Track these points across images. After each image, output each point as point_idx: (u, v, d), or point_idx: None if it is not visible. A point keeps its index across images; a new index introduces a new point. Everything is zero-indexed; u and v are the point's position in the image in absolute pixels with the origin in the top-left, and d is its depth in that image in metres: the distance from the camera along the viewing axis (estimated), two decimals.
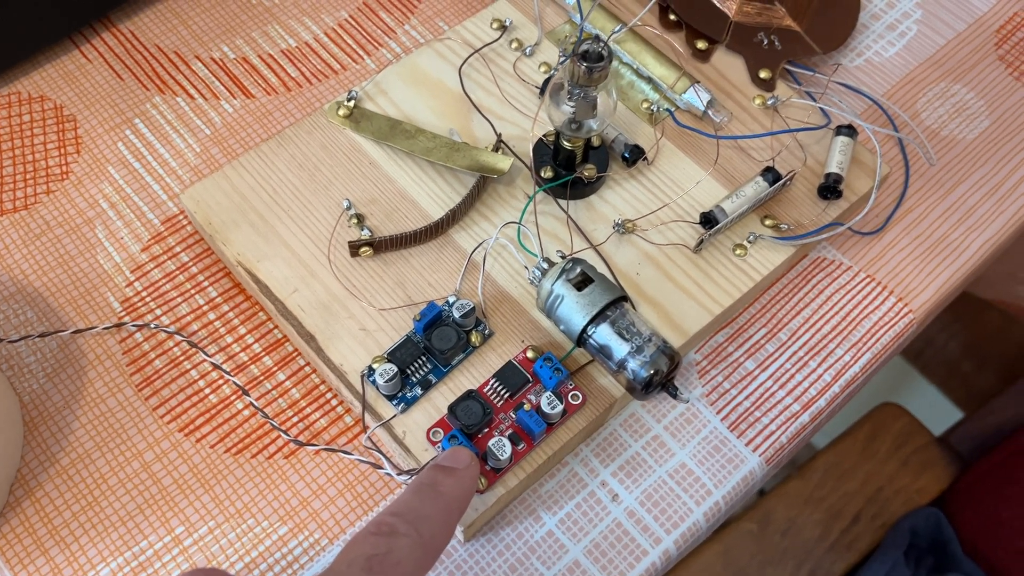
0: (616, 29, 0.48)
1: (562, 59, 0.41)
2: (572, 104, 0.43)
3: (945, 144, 0.54)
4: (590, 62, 0.41)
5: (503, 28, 0.54)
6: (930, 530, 0.75)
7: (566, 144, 0.47)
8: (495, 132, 0.50)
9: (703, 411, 0.46)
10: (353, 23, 0.57)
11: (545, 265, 0.42)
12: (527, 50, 0.53)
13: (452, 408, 0.41)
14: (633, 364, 0.39)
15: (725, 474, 0.44)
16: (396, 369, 0.41)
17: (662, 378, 0.40)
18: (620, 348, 0.40)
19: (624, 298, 0.41)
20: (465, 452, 0.37)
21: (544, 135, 0.49)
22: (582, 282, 0.41)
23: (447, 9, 0.58)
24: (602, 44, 0.41)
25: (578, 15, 0.53)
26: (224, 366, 0.45)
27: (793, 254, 0.48)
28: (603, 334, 0.40)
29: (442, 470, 0.36)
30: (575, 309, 0.40)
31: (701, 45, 0.54)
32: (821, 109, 0.52)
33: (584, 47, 0.41)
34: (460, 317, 0.43)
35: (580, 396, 0.42)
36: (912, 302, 0.49)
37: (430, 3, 0.58)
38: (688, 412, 0.45)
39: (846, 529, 0.74)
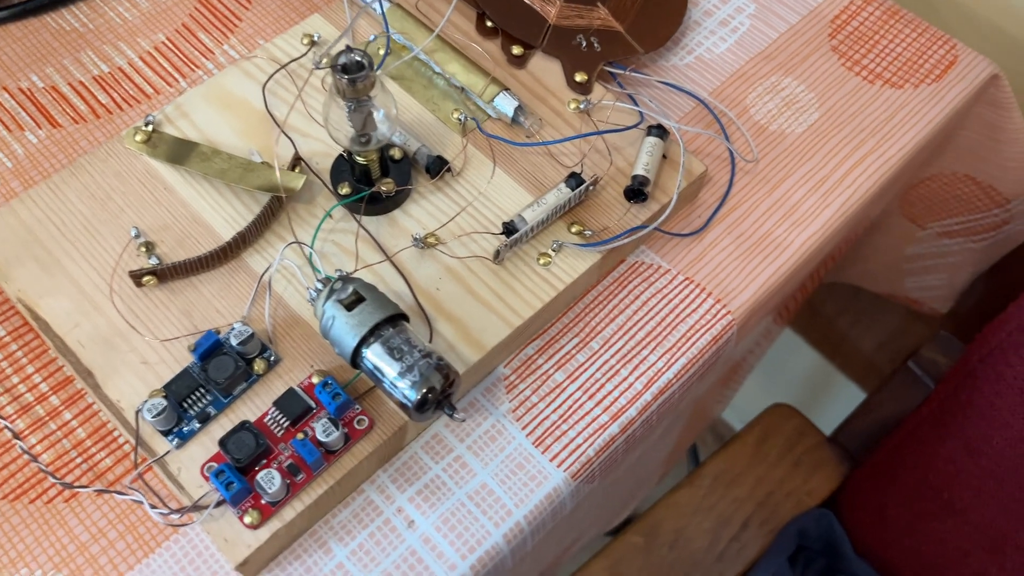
0: (371, 38, 0.47)
1: (315, 66, 0.39)
2: (349, 119, 0.42)
3: (773, 139, 0.53)
4: (350, 73, 0.40)
5: (313, 43, 0.52)
6: (821, 532, 0.73)
7: (359, 159, 0.45)
8: (294, 149, 0.48)
9: (508, 427, 0.44)
10: (170, 46, 0.56)
11: (320, 286, 0.41)
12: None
13: (223, 441, 0.39)
14: (403, 384, 0.38)
15: (527, 492, 0.42)
16: (164, 403, 0.40)
17: (437, 396, 0.38)
18: (391, 368, 0.38)
19: (400, 316, 0.40)
20: None
21: (345, 150, 0.48)
22: (354, 302, 0.39)
23: (269, 27, 0.56)
24: (359, 53, 0.39)
25: (391, 28, 0.52)
26: (7, 408, 0.43)
27: (603, 260, 0.46)
28: (374, 355, 0.38)
29: None
30: (345, 330, 0.39)
31: (516, 51, 0.52)
32: (640, 112, 0.50)
33: (341, 60, 0.39)
34: (239, 345, 0.41)
35: (366, 421, 0.41)
36: (731, 303, 0.48)
37: (251, 21, 0.57)
38: (493, 429, 0.44)
39: (735, 537, 0.73)
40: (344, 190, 0.46)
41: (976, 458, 0.63)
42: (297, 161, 0.47)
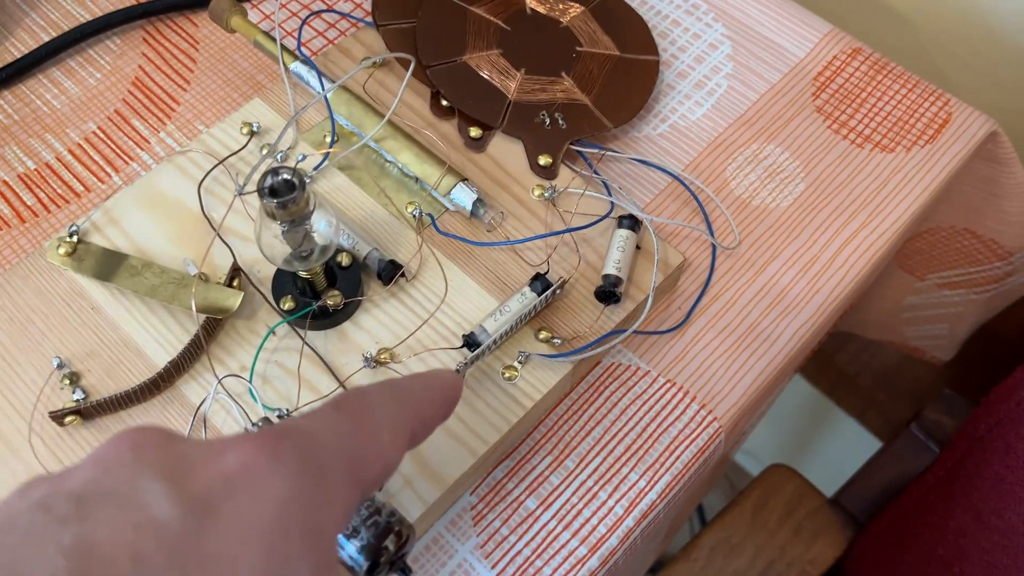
0: (300, 158, 0.43)
1: (238, 192, 0.35)
2: (284, 239, 0.38)
3: (756, 216, 0.49)
4: (280, 196, 0.35)
5: (252, 133, 0.48)
6: None
7: (302, 273, 0.41)
8: (233, 259, 0.44)
9: (477, 566, 0.40)
10: (101, 136, 0.51)
11: (255, 430, 0.36)
12: (279, 156, 0.47)
13: None
14: (350, 548, 0.34)
15: None
16: None
17: (390, 558, 0.34)
18: None
19: None
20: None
21: None
22: None
23: (209, 110, 0.52)
24: (288, 171, 0.35)
25: (336, 112, 0.48)
26: None
27: (575, 369, 0.42)
28: None
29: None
30: None
31: (475, 133, 0.48)
32: (611, 202, 0.46)
33: (267, 182, 0.35)
34: None
35: None
36: (717, 407, 0.44)
37: (189, 104, 0.52)
38: (460, 569, 0.40)
39: None
40: (287, 304, 0.42)
41: (988, 532, 0.59)
42: (236, 273, 0.43)
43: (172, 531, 0.20)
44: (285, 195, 0.35)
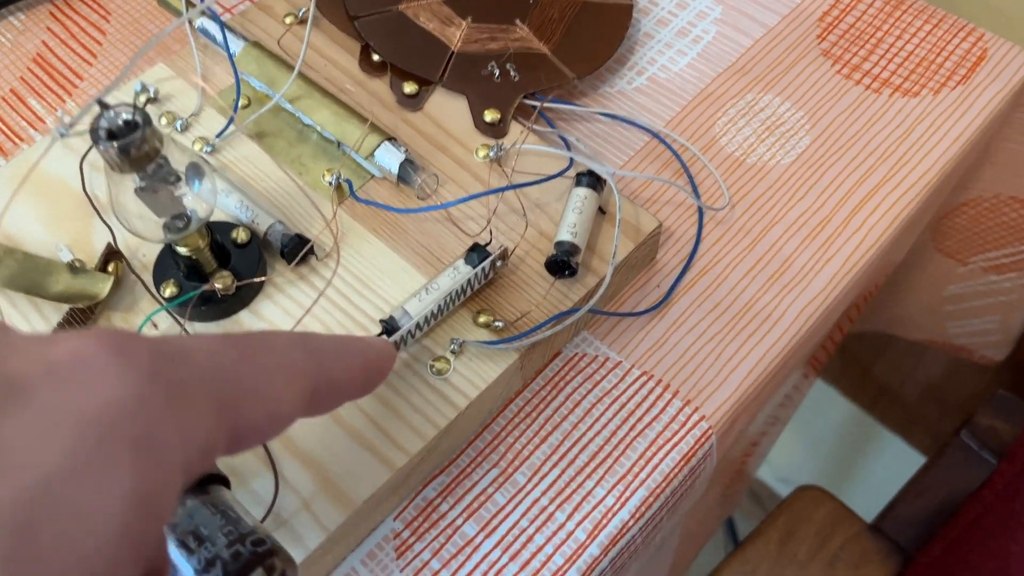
0: (137, 88, 0.35)
1: (62, 132, 0.28)
2: (144, 203, 0.30)
3: (752, 176, 0.41)
4: (120, 138, 0.28)
5: (150, 100, 0.41)
6: None
7: (181, 249, 0.33)
8: (110, 240, 0.36)
9: None
10: None
11: None
12: (179, 124, 0.40)
13: None
14: None
15: None
16: None
17: None
18: (186, 566, 0.26)
19: (212, 479, 0.28)
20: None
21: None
22: None
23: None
24: (126, 109, 0.28)
25: (245, 71, 0.41)
26: None
27: (525, 359, 0.34)
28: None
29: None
30: None
31: (409, 89, 0.41)
32: (570, 158, 0.38)
33: (101, 123, 0.28)
34: None
35: None
36: (705, 405, 0.35)
37: (94, 79, 0.46)
38: None
39: None
40: (168, 290, 0.35)
41: None
42: (112, 255, 0.36)
43: None
44: (127, 135, 0.28)
